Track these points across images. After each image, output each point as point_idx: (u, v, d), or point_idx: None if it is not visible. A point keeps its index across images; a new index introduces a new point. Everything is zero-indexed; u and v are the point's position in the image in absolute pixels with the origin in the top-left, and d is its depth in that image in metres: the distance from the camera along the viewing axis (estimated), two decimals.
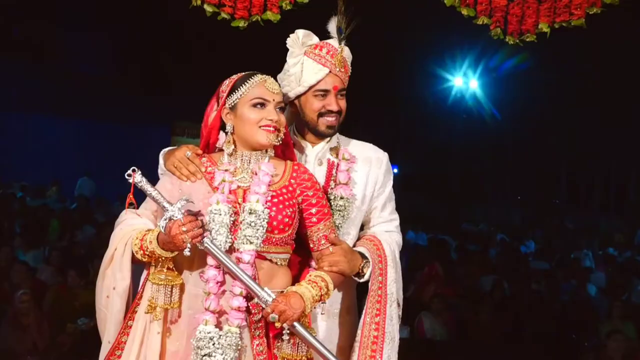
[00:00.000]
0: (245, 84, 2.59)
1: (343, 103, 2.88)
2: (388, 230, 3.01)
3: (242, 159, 2.62)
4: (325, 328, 2.86)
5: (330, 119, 2.84)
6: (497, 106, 17.62)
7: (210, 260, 2.49)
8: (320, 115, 2.84)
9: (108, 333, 2.62)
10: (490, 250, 11.82)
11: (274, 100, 2.60)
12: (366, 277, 2.82)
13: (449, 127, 19.05)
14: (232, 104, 2.61)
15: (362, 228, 3.04)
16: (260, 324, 2.54)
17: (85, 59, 15.35)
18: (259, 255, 2.53)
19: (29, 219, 10.47)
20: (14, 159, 15.54)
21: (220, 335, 2.43)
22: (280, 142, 2.62)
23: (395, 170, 3.29)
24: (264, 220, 2.48)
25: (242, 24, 3.89)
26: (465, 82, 17.68)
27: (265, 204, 2.52)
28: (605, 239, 15.05)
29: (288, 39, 2.86)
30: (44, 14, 13.21)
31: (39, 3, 12.47)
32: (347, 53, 2.88)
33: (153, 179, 2.62)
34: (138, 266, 2.61)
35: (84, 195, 13.65)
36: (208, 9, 3.84)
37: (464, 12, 4.03)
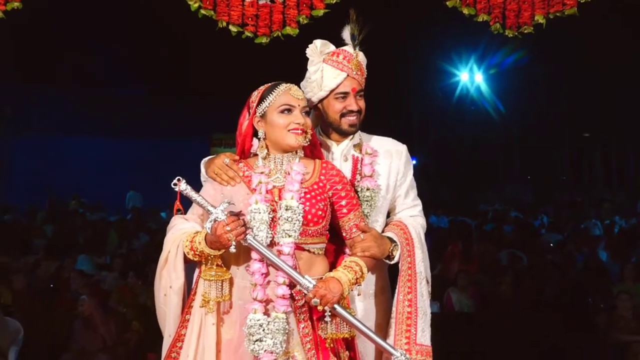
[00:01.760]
0: (272, 93, 2.59)
1: (362, 103, 2.87)
2: (412, 215, 2.99)
3: (275, 161, 2.62)
4: (363, 308, 2.85)
5: (352, 118, 2.84)
6: (501, 96, 17.46)
7: (254, 255, 2.49)
8: (342, 115, 2.83)
9: (168, 327, 2.63)
10: (506, 227, 11.69)
11: (299, 105, 2.59)
12: (396, 259, 2.80)
13: (458, 119, 18.91)
14: (262, 112, 2.61)
15: (388, 215, 3.02)
16: (304, 309, 2.54)
17: (123, 83, 15.48)
18: (298, 247, 2.52)
19: (90, 232, 10.60)
20: (68, 178, 15.78)
21: (268, 322, 2.43)
22: (308, 143, 2.61)
23: (414, 162, 3.26)
24: (299, 215, 2.48)
25: (264, 40, 3.90)
26: (470, 76, 17.56)
27: (300, 200, 2.51)
28: (610, 210, 14.83)
29: (307, 49, 2.86)
30: (82, 46, 13.37)
31: (77, 36, 12.61)
32: (361, 57, 2.87)
33: (197, 187, 2.62)
34: (190, 265, 2.62)
35: (138, 207, 13.80)
36: (233, 29, 3.85)
37: (465, 11, 4.01)
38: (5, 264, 7.58)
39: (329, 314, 2.48)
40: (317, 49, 2.83)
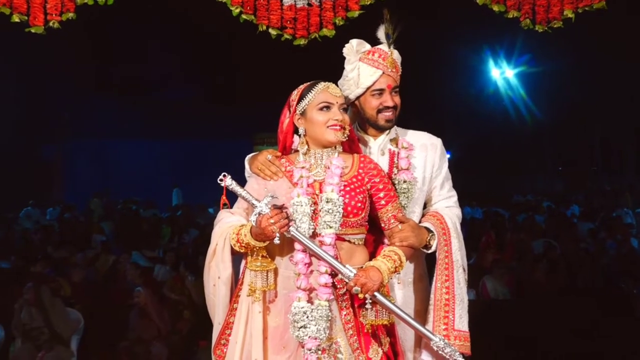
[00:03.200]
0: (311, 92, 2.58)
1: (397, 99, 2.84)
2: (448, 206, 2.95)
3: (315, 157, 2.61)
4: (402, 295, 2.82)
5: (388, 114, 2.81)
6: (530, 91, 17.18)
7: (297, 246, 2.49)
8: (379, 111, 2.81)
9: (217, 316, 2.64)
10: (538, 217, 11.50)
11: (337, 102, 2.58)
12: (433, 248, 2.77)
13: (490, 114, 18.66)
14: (302, 110, 2.60)
15: (424, 206, 2.98)
16: (346, 297, 2.52)
17: (169, 87, 15.63)
18: (339, 238, 2.51)
19: (145, 228, 10.75)
20: (122, 178, 16.05)
21: (312, 309, 2.43)
22: (347, 138, 2.60)
23: (448, 156, 3.22)
24: (339, 207, 2.47)
25: (302, 42, 3.89)
26: (501, 73, 17.32)
27: (339, 192, 2.50)
28: (630, 199, 14.44)
29: (344, 48, 2.84)
30: (130, 56, 13.55)
31: (127, 44, 12.78)
32: (396, 55, 2.84)
33: (241, 182, 2.63)
34: (237, 256, 2.62)
35: (187, 204, 13.96)
36: (272, 32, 3.85)
37: (495, 8, 3.94)
38: (66, 258, 7.75)
39: (370, 301, 2.46)
40: (354, 48, 2.81)
